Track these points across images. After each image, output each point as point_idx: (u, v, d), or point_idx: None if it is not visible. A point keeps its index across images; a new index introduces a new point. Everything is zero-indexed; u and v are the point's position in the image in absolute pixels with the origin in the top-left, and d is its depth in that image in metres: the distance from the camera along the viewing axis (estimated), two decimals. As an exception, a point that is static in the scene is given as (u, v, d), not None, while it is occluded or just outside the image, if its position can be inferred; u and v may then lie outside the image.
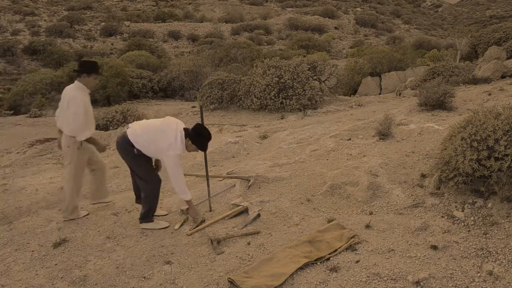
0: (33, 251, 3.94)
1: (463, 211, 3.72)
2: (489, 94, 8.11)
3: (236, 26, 42.14)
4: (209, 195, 4.51)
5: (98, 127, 10.86)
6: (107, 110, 12.02)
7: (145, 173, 4.08)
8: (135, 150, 3.92)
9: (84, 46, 34.79)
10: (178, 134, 3.86)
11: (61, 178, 6.37)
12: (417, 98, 7.86)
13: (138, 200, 4.40)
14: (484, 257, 3.17)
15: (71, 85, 4.35)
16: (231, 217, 4.21)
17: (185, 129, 3.93)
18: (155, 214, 4.32)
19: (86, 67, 4.31)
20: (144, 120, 4.15)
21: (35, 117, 14.05)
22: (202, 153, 4.45)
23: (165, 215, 4.49)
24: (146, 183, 4.08)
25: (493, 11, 64.65)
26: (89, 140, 4.37)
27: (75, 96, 4.20)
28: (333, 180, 4.61)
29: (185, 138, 3.88)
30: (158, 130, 3.91)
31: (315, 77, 12.58)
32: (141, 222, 4.21)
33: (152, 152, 3.98)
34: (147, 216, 4.19)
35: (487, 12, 64.37)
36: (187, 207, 4.41)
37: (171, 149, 3.82)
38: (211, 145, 7.24)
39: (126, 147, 3.96)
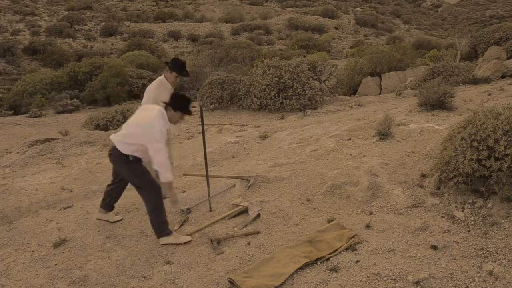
0: (33, 251, 3.94)
1: (463, 211, 3.72)
2: (489, 94, 8.11)
3: (236, 26, 42.14)
4: (209, 195, 4.51)
5: (98, 127, 10.87)
6: (107, 110, 12.02)
7: (145, 181, 3.81)
8: (130, 156, 3.74)
9: (84, 46, 34.81)
10: (159, 109, 3.73)
11: (61, 178, 6.37)
12: (417, 98, 7.85)
13: (105, 205, 4.30)
14: (484, 257, 3.17)
15: None
16: (231, 217, 4.21)
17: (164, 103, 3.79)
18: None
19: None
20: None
21: (35, 117, 14.05)
22: (202, 153, 4.44)
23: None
24: (149, 192, 3.80)
25: (493, 11, 64.61)
26: None
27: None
28: (333, 180, 4.61)
29: (166, 109, 3.73)
30: (139, 114, 3.85)
31: (315, 77, 12.57)
32: (159, 238, 3.85)
33: (140, 140, 3.70)
34: (163, 228, 3.85)
35: (487, 12, 64.32)
36: (187, 207, 4.42)
37: (155, 123, 3.62)
38: (211, 145, 7.26)
39: (119, 157, 3.78)
